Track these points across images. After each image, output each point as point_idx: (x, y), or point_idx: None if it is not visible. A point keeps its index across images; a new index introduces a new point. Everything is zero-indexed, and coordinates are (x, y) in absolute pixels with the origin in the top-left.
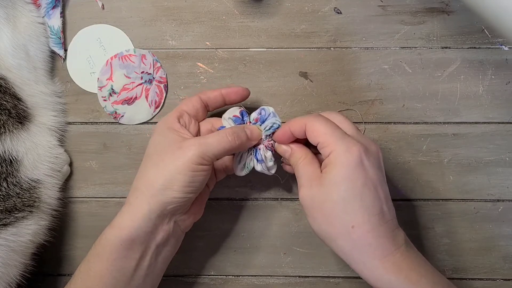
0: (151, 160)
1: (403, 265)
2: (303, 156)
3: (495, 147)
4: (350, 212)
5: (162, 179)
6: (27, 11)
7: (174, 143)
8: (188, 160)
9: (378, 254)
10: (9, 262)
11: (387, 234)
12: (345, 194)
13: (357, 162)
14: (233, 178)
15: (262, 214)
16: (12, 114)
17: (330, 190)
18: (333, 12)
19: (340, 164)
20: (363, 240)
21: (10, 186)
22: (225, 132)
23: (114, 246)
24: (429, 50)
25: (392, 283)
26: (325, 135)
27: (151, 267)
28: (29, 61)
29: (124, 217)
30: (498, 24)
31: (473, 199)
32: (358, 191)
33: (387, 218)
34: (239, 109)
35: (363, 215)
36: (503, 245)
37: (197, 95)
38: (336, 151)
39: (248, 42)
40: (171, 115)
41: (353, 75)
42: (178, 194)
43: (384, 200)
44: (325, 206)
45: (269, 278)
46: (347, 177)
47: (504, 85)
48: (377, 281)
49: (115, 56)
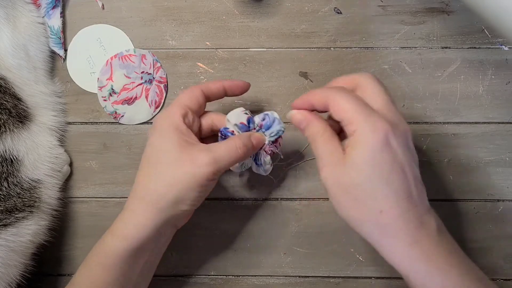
0: (157, 169)
1: (433, 253)
2: (321, 131)
3: (495, 147)
4: (377, 196)
5: (173, 195)
6: (27, 11)
7: (184, 153)
8: (203, 178)
9: (408, 241)
10: (9, 262)
11: (416, 219)
12: (371, 178)
13: (384, 143)
14: (233, 178)
15: (262, 214)
16: (13, 113)
17: (355, 173)
18: (333, 12)
19: (365, 145)
20: (392, 226)
21: (11, 186)
22: (235, 145)
23: (120, 256)
24: (429, 50)
25: (420, 271)
26: (348, 112)
27: (152, 267)
28: (29, 61)
29: (129, 227)
30: (498, 24)
31: (473, 199)
32: (385, 175)
33: (417, 202)
34: (245, 116)
35: (391, 199)
36: (503, 245)
37: (199, 88)
38: (360, 131)
39: (248, 42)
40: (175, 113)
41: None
42: (187, 208)
43: (413, 182)
44: (350, 189)
45: (269, 278)
46: (373, 160)
47: (504, 85)
48: (405, 269)
49: (115, 56)
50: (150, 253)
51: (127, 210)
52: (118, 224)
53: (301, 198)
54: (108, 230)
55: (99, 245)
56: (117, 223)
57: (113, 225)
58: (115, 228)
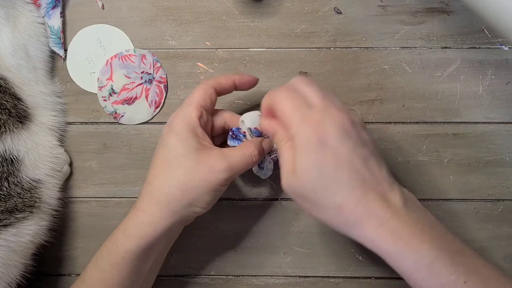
0: (173, 171)
1: (401, 232)
2: (283, 141)
3: (495, 147)
4: (330, 195)
5: (188, 199)
6: (27, 11)
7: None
8: (217, 183)
9: (373, 225)
10: (9, 263)
11: (377, 201)
12: (319, 181)
13: (320, 144)
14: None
15: (262, 214)
16: (12, 113)
17: (303, 180)
18: (333, 12)
19: (304, 151)
20: (354, 216)
21: (11, 186)
22: (250, 152)
23: (135, 255)
24: (429, 50)
25: (392, 253)
26: (288, 117)
27: (160, 261)
28: (29, 61)
29: (144, 228)
30: (498, 24)
31: (473, 199)
32: (331, 173)
33: (373, 185)
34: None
35: (344, 193)
36: (503, 245)
37: (211, 85)
38: (297, 136)
39: (248, 42)
40: (192, 114)
41: (353, 75)
42: (200, 210)
43: (362, 167)
44: (305, 196)
45: (269, 278)
46: (315, 163)
47: (504, 85)
48: (379, 251)
49: (115, 56)
50: (160, 251)
51: (140, 211)
52: (130, 225)
53: None
54: (118, 230)
55: (110, 244)
56: (129, 223)
57: (124, 224)
58: (127, 228)
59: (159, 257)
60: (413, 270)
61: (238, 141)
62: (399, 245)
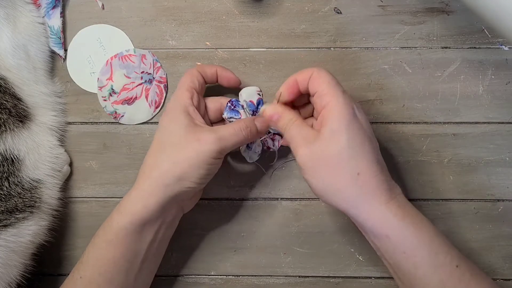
0: (165, 149)
1: (407, 210)
2: (294, 118)
3: (495, 147)
4: (354, 159)
5: (179, 171)
6: (27, 11)
7: (191, 133)
8: (207, 155)
9: (384, 198)
10: (9, 263)
11: (387, 181)
12: (348, 144)
13: (354, 114)
14: (233, 178)
15: (262, 214)
16: (13, 113)
17: (333, 141)
18: (333, 12)
19: (340, 115)
20: (369, 185)
21: (12, 186)
22: (239, 126)
23: (128, 231)
24: (429, 50)
25: (398, 227)
26: (327, 85)
27: (159, 247)
28: (29, 61)
29: (135, 202)
30: (498, 24)
31: (473, 199)
32: (359, 140)
33: (383, 167)
34: (257, 96)
35: (365, 163)
36: (503, 245)
37: (195, 70)
38: (334, 102)
39: (248, 42)
40: (184, 95)
41: (353, 75)
42: (193, 185)
43: (377, 151)
44: (328, 158)
45: (269, 278)
46: (348, 127)
47: (504, 85)
48: (385, 227)
49: (115, 56)
50: (156, 232)
51: (133, 189)
52: (124, 202)
53: (301, 198)
54: (114, 209)
55: (106, 223)
56: (123, 201)
57: (119, 204)
58: (121, 205)
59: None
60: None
61: (234, 112)
62: (407, 220)
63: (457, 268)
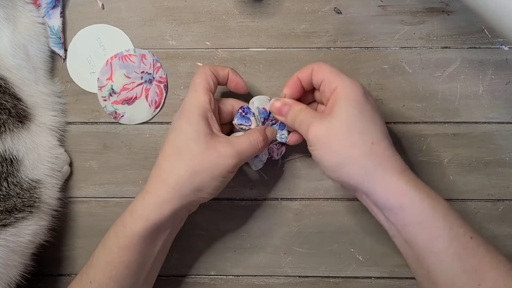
0: (181, 154)
1: (419, 182)
2: (303, 107)
3: (495, 147)
4: (368, 130)
5: (197, 182)
6: (27, 11)
7: (210, 144)
8: (225, 169)
9: (397, 169)
10: (9, 263)
11: (396, 154)
12: (361, 116)
13: (363, 93)
14: (233, 178)
15: (262, 214)
16: (12, 113)
17: (346, 114)
18: (333, 12)
19: (350, 95)
20: (383, 156)
21: (10, 186)
22: (256, 139)
23: (143, 238)
24: (429, 50)
25: (414, 198)
26: (331, 73)
27: (165, 248)
28: (29, 61)
29: (151, 209)
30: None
31: (473, 199)
32: (370, 115)
33: (392, 142)
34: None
35: (379, 134)
36: (503, 245)
37: (209, 69)
38: (342, 86)
39: (248, 42)
40: (202, 98)
41: (353, 75)
42: (207, 196)
43: (386, 128)
44: (343, 130)
45: (269, 278)
46: (359, 103)
47: (504, 85)
48: (400, 197)
49: (115, 56)
50: (167, 236)
51: (148, 193)
52: (138, 206)
53: (301, 198)
54: (125, 212)
55: (118, 226)
56: (136, 205)
57: (132, 206)
58: (134, 209)
59: (164, 246)
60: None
61: (245, 119)
62: (422, 190)
63: (471, 239)
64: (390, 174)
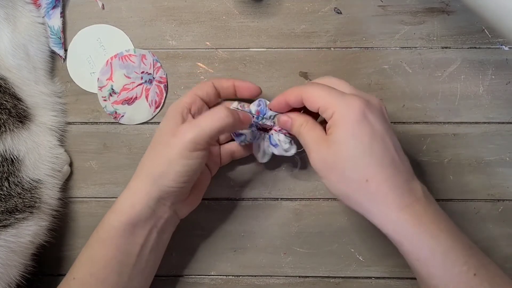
0: (155, 148)
1: (423, 218)
2: (304, 123)
3: (495, 147)
4: (361, 167)
5: (159, 169)
6: (27, 11)
7: (171, 130)
8: (182, 148)
9: (397, 205)
10: (9, 263)
11: (402, 184)
12: (354, 151)
13: (361, 117)
14: (233, 178)
15: (262, 214)
16: (12, 113)
17: (338, 149)
18: (333, 12)
19: (344, 121)
20: (379, 192)
21: (11, 186)
22: (218, 111)
23: (117, 230)
24: (429, 50)
25: (411, 236)
26: (323, 98)
27: (153, 252)
28: (29, 61)
29: (124, 202)
30: (498, 24)
31: (473, 199)
32: (367, 145)
33: (401, 169)
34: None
35: (375, 167)
36: (503, 245)
37: (211, 81)
38: (338, 111)
39: (248, 42)
40: (183, 100)
41: (353, 75)
42: (172, 184)
43: (393, 149)
44: (336, 165)
45: (269, 278)
46: (353, 134)
47: (504, 85)
48: (398, 234)
49: (115, 56)
50: (147, 235)
51: (126, 188)
52: (117, 202)
53: (301, 198)
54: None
55: (100, 223)
56: (116, 201)
57: (114, 203)
58: (114, 206)
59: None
60: (429, 256)
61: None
62: (421, 229)
63: (475, 276)
64: (388, 210)
